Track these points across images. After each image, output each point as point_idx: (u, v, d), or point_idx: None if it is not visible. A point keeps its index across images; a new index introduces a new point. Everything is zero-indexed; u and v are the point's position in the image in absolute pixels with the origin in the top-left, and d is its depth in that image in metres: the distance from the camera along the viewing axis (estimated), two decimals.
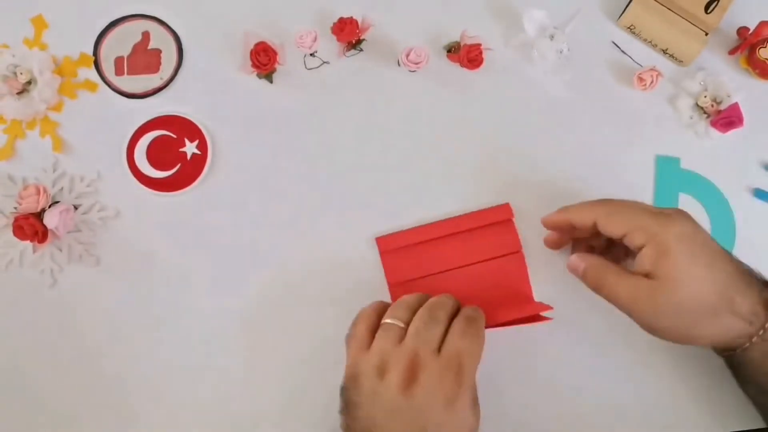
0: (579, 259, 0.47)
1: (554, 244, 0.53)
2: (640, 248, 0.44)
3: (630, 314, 0.45)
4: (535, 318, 0.51)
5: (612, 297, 0.45)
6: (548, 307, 0.51)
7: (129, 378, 0.52)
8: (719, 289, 0.42)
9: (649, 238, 0.43)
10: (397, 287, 0.52)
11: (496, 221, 0.53)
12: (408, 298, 0.47)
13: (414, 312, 0.46)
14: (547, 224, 0.50)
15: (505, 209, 0.54)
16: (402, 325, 0.45)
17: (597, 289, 0.46)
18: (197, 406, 0.52)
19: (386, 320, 0.45)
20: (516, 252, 0.53)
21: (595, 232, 0.47)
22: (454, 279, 0.52)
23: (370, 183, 0.55)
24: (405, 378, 0.42)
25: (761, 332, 0.43)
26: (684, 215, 0.44)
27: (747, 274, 0.44)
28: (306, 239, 0.54)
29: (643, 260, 0.43)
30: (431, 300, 0.47)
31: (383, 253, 0.53)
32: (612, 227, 0.45)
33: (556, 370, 0.53)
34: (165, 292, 0.53)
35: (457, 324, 0.45)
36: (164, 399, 0.52)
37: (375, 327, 0.46)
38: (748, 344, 0.43)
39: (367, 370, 0.43)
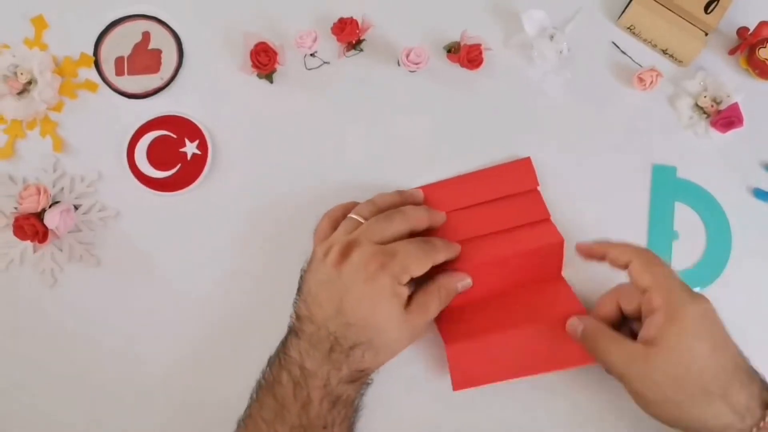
0: (578, 321, 0.48)
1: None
2: (653, 312, 0.43)
3: (622, 380, 0.44)
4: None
5: (607, 359, 0.45)
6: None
7: (129, 378, 0.52)
8: (717, 373, 0.41)
9: (667, 303, 0.43)
10: None
11: (522, 190, 0.53)
12: (378, 198, 0.51)
13: (376, 210, 0.49)
14: (582, 251, 0.50)
15: (526, 164, 0.54)
16: (361, 220, 0.48)
17: (593, 350, 0.46)
18: (199, 406, 0.52)
19: (350, 215, 0.49)
20: (545, 219, 0.53)
21: (616, 315, 0.48)
22: (477, 245, 0.51)
23: (370, 183, 0.55)
24: (339, 255, 0.46)
25: (754, 430, 0.41)
26: (709, 303, 0.43)
27: (751, 371, 0.43)
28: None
29: (651, 324, 0.43)
30: (400, 208, 0.49)
31: None
32: (642, 276, 0.45)
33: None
34: (165, 292, 0.53)
35: (413, 240, 0.48)
36: (165, 399, 0.52)
37: (337, 223, 0.50)
38: None
39: (318, 252, 0.48)
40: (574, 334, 0.48)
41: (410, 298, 0.47)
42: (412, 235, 0.49)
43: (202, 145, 0.55)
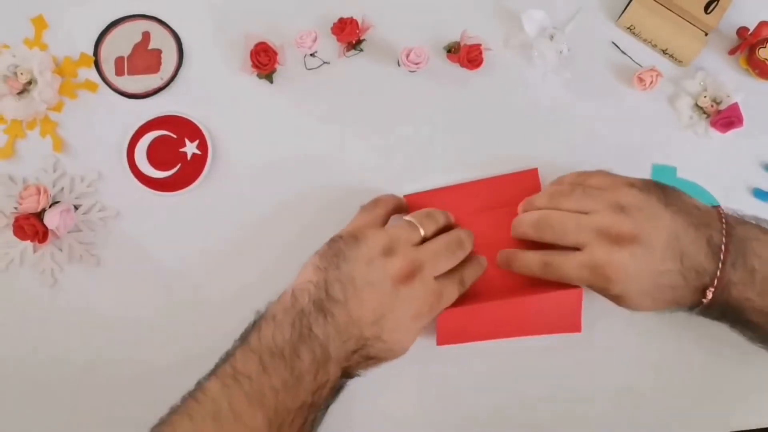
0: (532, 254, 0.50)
1: None
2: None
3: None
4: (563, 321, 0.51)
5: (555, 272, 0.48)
6: (578, 289, 0.50)
7: (129, 378, 0.52)
8: (664, 303, 0.46)
9: (597, 289, 0.47)
10: None
11: (526, 193, 0.53)
12: (437, 214, 0.50)
13: (437, 229, 0.49)
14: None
15: (532, 174, 0.54)
16: (423, 234, 0.47)
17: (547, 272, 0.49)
18: None
19: (412, 219, 0.48)
20: None
21: None
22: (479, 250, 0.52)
23: (370, 183, 0.55)
24: (404, 272, 0.45)
25: (699, 307, 0.46)
26: (619, 260, 0.45)
27: (688, 269, 0.45)
28: (307, 238, 0.54)
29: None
30: (458, 234, 0.49)
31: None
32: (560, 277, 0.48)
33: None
34: (165, 292, 0.53)
35: (456, 275, 0.48)
36: (165, 399, 0.52)
37: (388, 216, 0.50)
38: (709, 294, 0.45)
39: (374, 241, 0.46)
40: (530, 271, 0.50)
41: None
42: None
43: (202, 145, 0.55)
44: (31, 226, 0.51)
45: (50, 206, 0.53)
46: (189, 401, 0.43)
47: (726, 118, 0.55)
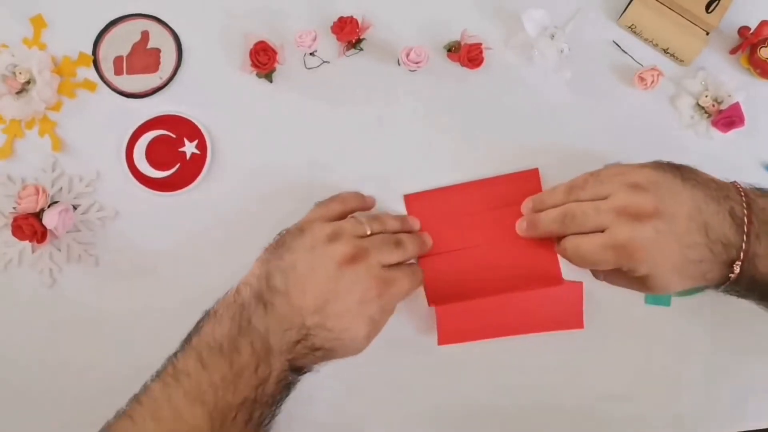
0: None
1: None
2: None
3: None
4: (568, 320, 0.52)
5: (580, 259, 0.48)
6: (578, 283, 0.51)
7: (128, 377, 0.52)
8: (693, 279, 0.45)
9: (628, 268, 0.45)
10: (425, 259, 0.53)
11: (526, 194, 0.53)
12: (388, 219, 0.50)
13: (382, 231, 0.49)
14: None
15: (533, 174, 0.54)
16: (369, 231, 0.48)
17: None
18: None
19: (360, 218, 0.49)
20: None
21: None
22: (482, 255, 0.53)
23: (369, 182, 0.55)
24: (348, 255, 0.45)
25: (727, 283, 0.45)
26: (643, 237, 0.44)
27: (711, 247, 0.44)
28: None
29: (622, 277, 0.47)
30: (400, 236, 0.50)
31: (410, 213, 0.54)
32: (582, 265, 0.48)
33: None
34: (164, 292, 0.53)
35: (410, 265, 0.50)
36: None
37: (344, 214, 0.50)
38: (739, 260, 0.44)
39: (318, 232, 0.46)
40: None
41: None
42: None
43: (201, 145, 0.55)
44: (30, 226, 0.51)
45: (49, 206, 0.53)
46: (132, 403, 0.43)
47: (727, 118, 0.54)
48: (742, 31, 0.57)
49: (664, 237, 0.44)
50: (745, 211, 0.44)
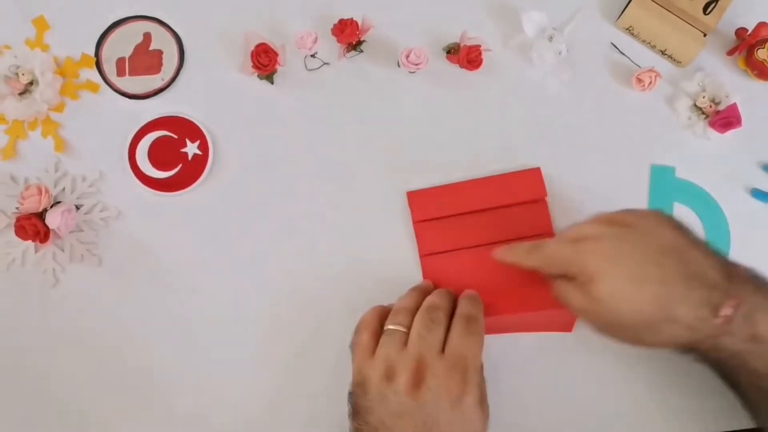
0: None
1: None
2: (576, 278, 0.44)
3: (582, 319, 0.46)
4: (556, 323, 0.51)
5: (567, 304, 0.46)
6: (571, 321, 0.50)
7: (131, 377, 0.53)
8: (652, 303, 0.41)
9: (576, 271, 0.44)
10: (428, 258, 0.53)
11: (530, 199, 0.53)
12: (406, 302, 0.48)
13: (413, 315, 0.47)
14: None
15: (536, 173, 0.54)
16: (404, 330, 0.46)
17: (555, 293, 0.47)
18: (200, 406, 0.52)
19: (389, 326, 0.46)
20: (548, 233, 0.53)
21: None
22: (485, 256, 0.52)
23: (370, 183, 0.55)
24: (412, 380, 0.43)
25: (711, 339, 0.42)
26: (609, 234, 0.43)
27: (689, 277, 0.41)
28: (307, 239, 0.54)
29: (578, 287, 0.44)
30: (428, 301, 0.48)
31: (416, 223, 0.54)
32: (551, 270, 0.46)
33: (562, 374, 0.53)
34: (167, 292, 0.53)
35: (458, 324, 0.46)
36: (166, 399, 0.52)
37: (377, 333, 0.47)
38: (707, 343, 0.42)
39: (374, 376, 0.44)
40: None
41: None
42: None
43: (203, 146, 0.55)
44: (33, 226, 0.51)
45: (52, 206, 0.53)
46: None
47: (724, 119, 0.55)
48: (740, 32, 0.57)
49: (628, 243, 0.42)
50: (737, 268, 0.43)
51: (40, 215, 0.52)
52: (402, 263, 0.53)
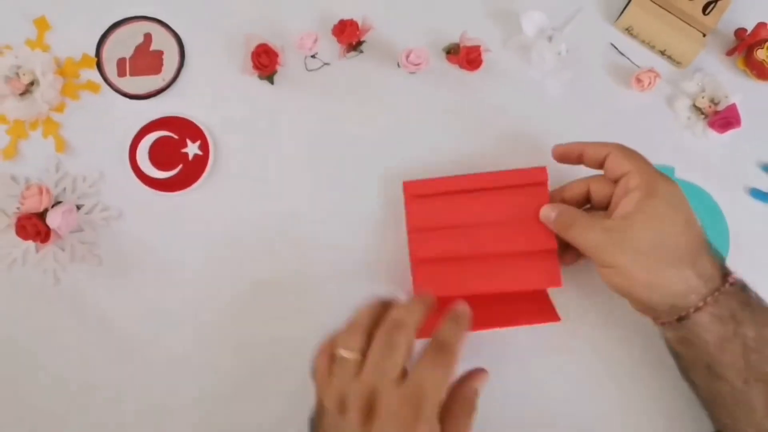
0: (550, 209, 0.49)
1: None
2: (630, 191, 0.46)
3: (597, 253, 0.46)
4: (545, 313, 0.50)
5: (586, 236, 0.46)
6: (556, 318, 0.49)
7: (132, 377, 0.53)
8: (690, 243, 0.45)
9: (646, 182, 0.45)
10: (417, 233, 0.51)
11: (531, 182, 0.51)
12: (360, 319, 0.43)
13: (369, 334, 0.43)
14: (558, 152, 0.51)
15: (541, 172, 0.50)
16: (355, 356, 0.42)
17: (568, 232, 0.48)
18: (200, 404, 0.52)
19: (339, 352, 0.42)
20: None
21: (582, 200, 0.50)
22: (478, 235, 0.50)
23: (369, 183, 0.55)
24: (362, 413, 0.40)
25: (715, 293, 0.44)
26: (679, 187, 0.46)
27: (713, 247, 0.46)
28: (307, 239, 0.54)
29: (629, 202, 0.45)
30: (391, 317, 0.43)
31: (408, 197, 0.52)
32: (622, 163, 0.47)
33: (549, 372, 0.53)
34: (168, 292, 0.53)
35: (429, 351, 0.41)
36: (166, 398, 0.52)
37: (332, 357, 0.43)
38: (701, 304, 0.44)
39: (329, 406, 0.42)
40: (547, 221, 0.49)
41: None
42: None
43: (204, 146, 0.55)
44: (34, 226, 0.51)
45: (52, 206, 0.53)
46: None
47: (724, 119, 0.55)
48: (739, 32, 0.57)
49: (676, 195, 0.45)
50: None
51: (41, 215, 0.52)
52: (404, 262, 0.53)
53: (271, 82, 0.56)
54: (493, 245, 0.50)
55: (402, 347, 0.41)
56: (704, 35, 0.57)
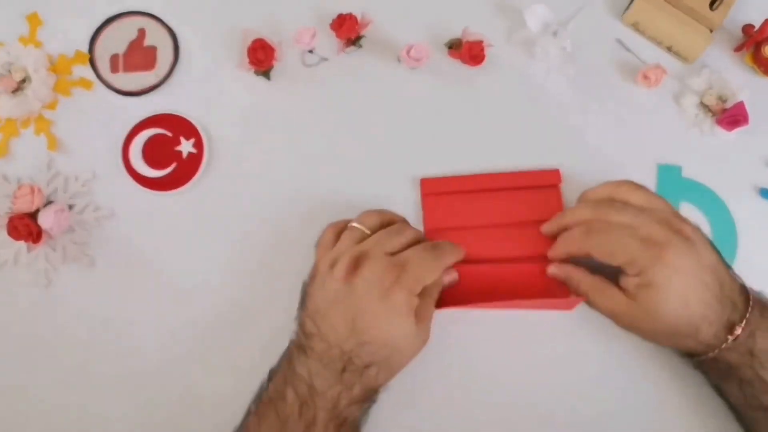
0: (557, 269, 0.49)
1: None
2: (632, 271, 0.45)
3: (614, 319, 0.47)
4: (559, 302, 0.50)
5: (597, 305, 0.48)
6: (578, 300, 0.49)
7: (125, 378, 0.52)
8: (689, 322, 0.44)
9: (639, 270, 0.45)
10: (433, 233, 0.52)
11: (543, 185, 0.53)
12: (383, 211, 0.49)
13: (380, 223, 0.48)
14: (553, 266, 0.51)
15: (554, 174, 0.53)
16: (366, 230, 0.47)
17: (591, 301, 0.48)
18: (195, 404, 0.51)
19: (353, 223, 0.48)
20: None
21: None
22: (492, 236, 0.52)
23: (368, 181, 0.54)
24: (348, 268, 0.44)
25: (716, 351, 0.45)
26: (677, 245, 0.44)
27: (722, 298, 0.44)
28: (305, 235, 0.53)
29: (629, 285, 0.45)
30: (398, 225, 0.48)
31: (425, 195, 0.53)
32: (608, 260, 0.46)
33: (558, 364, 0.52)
34: (161, 292, 0.53)
35: (420, 245, 0.47)
36: (161, 398, 0.52)
37: (341, 232, 0.48)
38: (710, 354, 0.45)
39: (322, 266, 0.46)
40: (558, 278, 0.50)
41: None
42: None
43: (198, 144, 0.54)
44: (25, 226, 0.51)
45: (44, 206, 0.52)
46: None
47: (731, 116, 0.54)
48: (747, 28, 0.57)
49: (690, 260, 0.44)
50: (751, 292, 0.45)
51: (33, 215, 0.52)
52: None
53: (268, 77, 0.55)
54: (507, 249, 0.51)
55: (408, 237, 0.47)
56: (711, 31, 0.56)
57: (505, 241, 0.52)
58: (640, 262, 0.44)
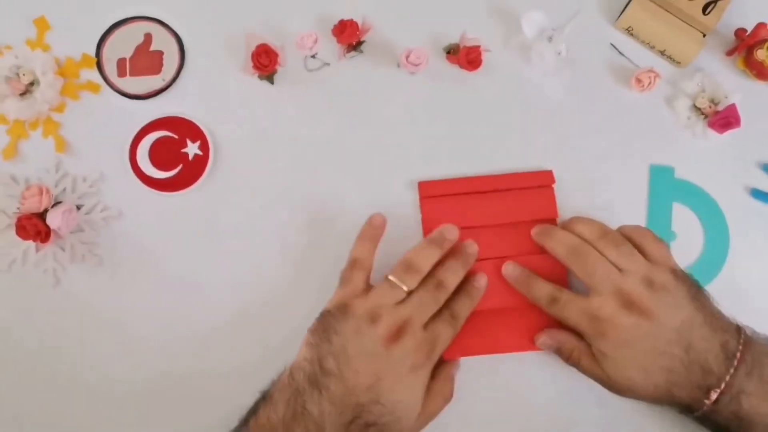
0: (548, 338, 0.51)
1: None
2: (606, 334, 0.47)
3: (598, 381, 0.49)
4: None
5: (580, 368, 0.49)
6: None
7: (132, 377, 0.52)
8: (656, 388, 0.45)
9: (589, 343, 0.48)
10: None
11: (537, 185, 0.54)
12: (421, 261, 0.49)
13: (421, 278, 0.48)
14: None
15: (547, 175, 0.54)
16: (406, 290, 0.47)
17: (571, 364, 0.50)
18: (202, 404, 0.52)
19: (393, 279, 0.48)
20: (552, 219, 0.54)
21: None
22: (489, 236, 0.53)
23: (369, 184, 0.55)
24: (392, 333, 0.45)
25: (699, 412, 0.45)
26: (621, 319, 0.45)
27: (691, 364, 0.44)
28: (308, 238, 0.54)
29: (587, 356, 0.48)
30: (440, 277, 0.49)
31: (423, 198, 0.54)
32: (566, 323, 0.49)
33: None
34: (168, 292, 0.53)
35: (446, 314, 0.48)
36: (167, 398, 0.52)
37: (370, 270, 0.50)
38: (695, 414, 0.46)
39: (359, 311, 0.46)
40: (547, 349, 0.51)
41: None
42: None
43: (204, 146, 0.55)
44: (34, 226, 0.51)
45: (52, 206, 0.53)
46: None
47: (724, 119, 0.55)
48: (739, 33, 0.57)
49: (639, 333, 0.45)
50: (740, 347, 0.44)
51: (41, 215, 0.52)
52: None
53: (271, 82, 0.56)
54: (503, 248, 0.53)
55: (440, 303, 0.48)
56: (704, 35, 0.57)
57: (501, 240, 0.53)
58: (590, 335, 0.47)
